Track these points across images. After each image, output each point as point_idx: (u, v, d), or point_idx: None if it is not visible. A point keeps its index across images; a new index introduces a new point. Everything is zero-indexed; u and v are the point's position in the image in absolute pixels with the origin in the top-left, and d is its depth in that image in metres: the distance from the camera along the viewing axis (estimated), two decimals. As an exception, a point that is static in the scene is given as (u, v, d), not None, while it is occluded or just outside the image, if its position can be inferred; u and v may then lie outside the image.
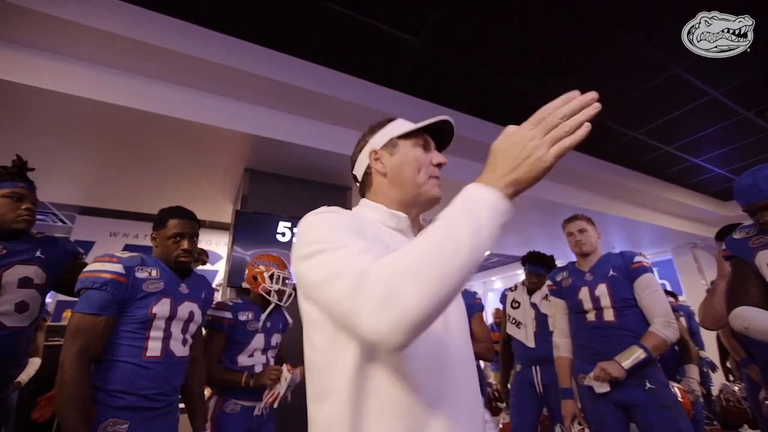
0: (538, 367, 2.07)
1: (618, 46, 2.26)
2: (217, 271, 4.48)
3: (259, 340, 1.65)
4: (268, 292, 1.69)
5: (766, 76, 2.52)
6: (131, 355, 1.09)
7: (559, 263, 2.15)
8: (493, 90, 2.66)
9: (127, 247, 3.37)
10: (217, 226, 4.40)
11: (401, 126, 0.72)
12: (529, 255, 2.34)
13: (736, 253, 1.23)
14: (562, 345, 1.78)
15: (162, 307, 1.16)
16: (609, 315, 1.61)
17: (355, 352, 0.52)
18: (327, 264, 0.49)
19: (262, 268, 1.74)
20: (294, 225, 2.51)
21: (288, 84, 2.18)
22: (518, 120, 0.48)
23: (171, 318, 1.19)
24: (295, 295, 2.24)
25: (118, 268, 1.11)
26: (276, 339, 1.74)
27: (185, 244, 1.30)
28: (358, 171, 0.74)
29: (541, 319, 2.09)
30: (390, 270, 0.43)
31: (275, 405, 1.58)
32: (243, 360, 1.61)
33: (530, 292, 2.27)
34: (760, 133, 3.20)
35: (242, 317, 1.63)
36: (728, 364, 3.03)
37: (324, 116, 2.50)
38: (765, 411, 1.85)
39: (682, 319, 3.12)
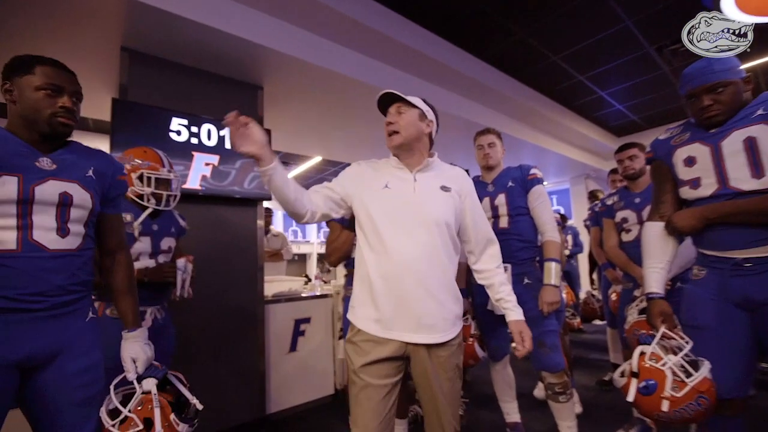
0: None
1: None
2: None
3: (144, 244, 1.48)
4: (140, 196, 1.48)
5: (671, 9, 2.65)
6: None
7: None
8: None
9: None
10: (103, 129, 3.70)
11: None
12: None
13: (657, 154, 1.27)
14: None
15: (2, 188, 0.89)
16: (504, 222, 1.76)
17: None
18: None
19: (128, 166, 1.50)
20: (192, 122, 2.16)
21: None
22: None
23: (26, 201, 0.91)
24: (193, 199, 2.08)
25: None
26: (168, 243, 1.58)
27: (66, 101, 0.98)
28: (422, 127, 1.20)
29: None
30: None
31: (186, 295, 1.51)
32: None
33: None
34: (657, 71, 3.50)
35: None
36: (593, 275, 3.86)
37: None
38: (611, 304, 2.29)
39: (569, 237, 3.74)
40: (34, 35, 2.01)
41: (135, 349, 1.13)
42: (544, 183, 1.84)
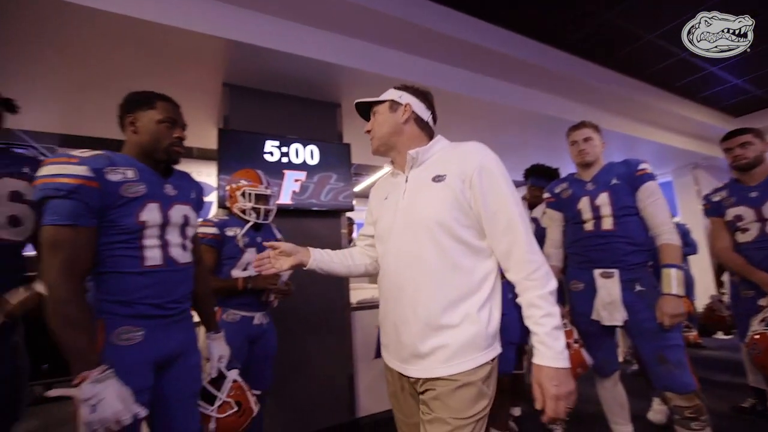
0: None
1: None
2: (212, 202, 4.41)
3: (250, 255, 1.65)
4: (243, 210, 1.66)
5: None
6: (130, 265, 0.99)
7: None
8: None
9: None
10: (205, 156, 4.23)
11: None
12: (532, 168, 2.31)
13: None
14: (552, 255, 1.83)
15: (151, 214, 1.02)
16: (607, 224, 1.60)
17: None
18: None
19: (233, 185, 1.71)
20: (282, 143, 2.37)
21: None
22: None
23: (165, 225, 1.06)
24: (285, 213, 2.26)
25: (82, 170, 0.91)
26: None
27: (180, 132, 1.12)
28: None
29: (541, 234, 2.09)
30: None
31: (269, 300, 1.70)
32: (237, 274, 1.63)
33: (532, 206, 2.27)
34: (788, 34, 2.91)
35: (230, 233, 1.62)
36: (722, 278, 3.31)
37: (312, 18, 2.22)
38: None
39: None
40: (147, 75, 2.33)
41: (223, 347, 1.32)
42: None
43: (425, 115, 1.01)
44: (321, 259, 1.06)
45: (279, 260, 1.02)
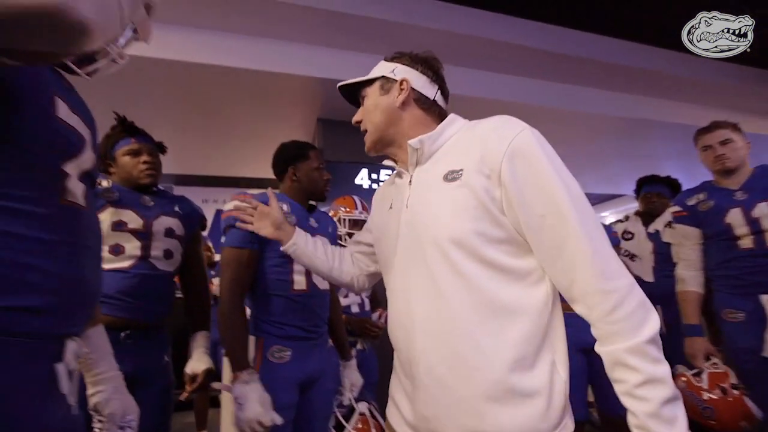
0: (659, 306, 1.83)
1: None
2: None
3: None
4: (340, 237, 1.69)
5: None
6: (281, 288, 1.11)
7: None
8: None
9: (218, 213, 3.68)
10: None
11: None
12: (648, 177, 2.10)
13: None
14: (689, 278, 1.55)
15: None
16: None
17: None
18: None
19: (331, 212, 1.77)
20: (371, 171, 2.48)
21: (351, 15, 2.02)
22: None
23: None
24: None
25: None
26: None
27: (329, 174, 1.29)
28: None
29: (662, 251, 1.82)
30: None
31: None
32: (340, 300, 1.66)
33: (647, 216, 2.04)
34: None
35: None
36: None
37: (392, 49, 2.31)
38: None
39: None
40: (251, 115, 2.61)
41: (355, 376, 1.33)
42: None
43: (430, 91, 0.74)
44: (303, 246, 0.87)
45: (262, 222, 0.89)
